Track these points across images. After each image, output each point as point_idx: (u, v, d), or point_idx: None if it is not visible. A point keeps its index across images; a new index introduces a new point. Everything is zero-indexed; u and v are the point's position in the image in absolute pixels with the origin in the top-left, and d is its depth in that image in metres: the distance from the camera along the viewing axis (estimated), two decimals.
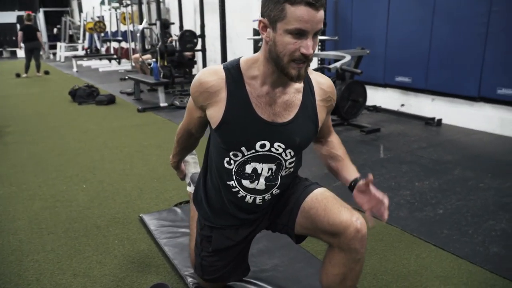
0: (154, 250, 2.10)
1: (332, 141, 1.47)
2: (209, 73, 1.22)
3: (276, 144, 1.24)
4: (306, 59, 1.08)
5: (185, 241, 2.12)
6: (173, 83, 6.97)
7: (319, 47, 5.70)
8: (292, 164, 1.33)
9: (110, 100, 6.18)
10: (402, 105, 5.02)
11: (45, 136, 4.38)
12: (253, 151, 1.24)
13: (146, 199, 2.73)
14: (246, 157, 1.25)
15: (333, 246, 1.27)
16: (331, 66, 4.01)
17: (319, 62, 5.73)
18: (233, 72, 1.20)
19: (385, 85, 5.16)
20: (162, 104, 5.76)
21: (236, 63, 1.22)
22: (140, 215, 2.44)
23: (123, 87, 7.60)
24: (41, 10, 17.56)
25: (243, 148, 1.23)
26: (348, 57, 4.05)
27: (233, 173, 1.30)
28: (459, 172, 3.07)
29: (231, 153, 1.26)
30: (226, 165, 1.29)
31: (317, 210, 1.27)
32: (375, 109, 5.14)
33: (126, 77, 7.72)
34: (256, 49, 7.21)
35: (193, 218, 1.86)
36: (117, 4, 11.63)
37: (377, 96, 5.27)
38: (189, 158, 2.02)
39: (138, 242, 2.18)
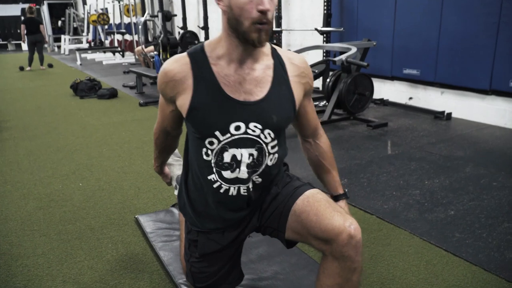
0: (149, 255, 1.99)
1: (321, 147, 1.40)
2: (172, 61, 1.18)
3: (251, 125, 1.16)
4: (265, 17, 1.04)
5: None
6: None
7: (324, 39, 5.54)
8: (275, 149, 1.23)
9: (112, 94, 6.08)
10: (410, 98, 4.87)
11: (44, 131, 4.29)
12: (228, 135, 1.16)
13: (143, 199, 2.63)
14: (222, 143, 1.17)
15: (326, 254, 1.17)
16: (337, 58, 3.86)
17: (324, 54, 5.58)
18: (197, 55, 1.16)
19: (392, 78, 5.00)
20: None
21: (200, 46, 1.19)
22: (136, 216, 2.34)
23: (126, 80, 7.50)
24: (45, 2, 17.45)
25: (217, 133, 1.16)
26: (354, 49, 3.91)
27: (212, 164, 1.21)
28: (471, 170, 2.93)
29: (206, 142, 1.18)
30: (204, 157, 1.21)
31: (308, 215, 1.18)
32: (382, 102, 4.99)
33: (129, 70, 7.61)
34: None
35: (181, 223, 1.76)
36: None
37: (384, 89, 5.12)
38: (173, 160, 1.92)
39: (132, 245, 2.08)
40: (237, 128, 1.16)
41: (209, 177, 1.23)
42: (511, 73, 3.76)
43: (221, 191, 1.24)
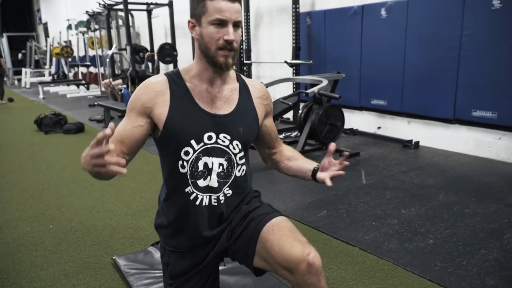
0: None
1: (287, 150, 1.53)
2: (152, 78, 1.31)
3: (221, 135, 1.29)
4: (230, 46, 1.21)
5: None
6: None
7: (294, 71, 5.68)
8: (243, 161, 1.34)
9: (79, 128, 5.92)
10: (379, 127, 5.02)
11: (8, 170, 4.09)
12: (202, 144, 1.27)
13: (119, 239, 2.53)
14: (197, 152, 1.27)
15: (292, 283, 1.21)
16: (309, 91, 3.95)
17: (294, 86, 5.69)
18: (174, 75, 1.31)
19: (361, 108, 5.16)
20: None
21: (176, 70, 1.34)
22: (113, 257, 2.24)
23: (92, 113, 7.34)
24: (5, 35, 17.02)
25: (192, 141, 1.26)
26: (325, 82, 4.01)
27: (188, 176, 1.29)
28: (443, 197, 3.02)
29: (182, 152, 1.26)
30: (180, 169, 1.29)
31: (272, 244, 1.24)
32: (352, 132, 5.11)
33: (96, 103, 7.47)
34: None
35: None
36: (84, 29, 11.40)
37: (353, 119, 5.26)
38: None
39: None
40: (210, 137, 1.28)
41: (186, 190, 1.30)
42: (473, 103, 3.97)
43: (197, 202, 1.30)
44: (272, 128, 1.49)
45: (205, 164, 1.28)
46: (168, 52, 7.31)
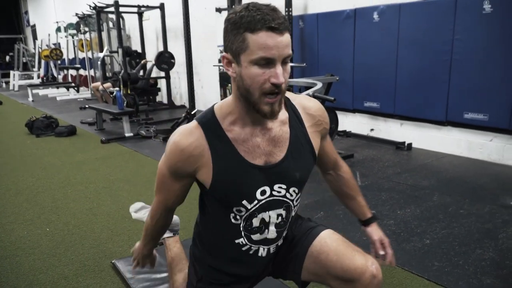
0: None
1: (343, 177, 1.40)
2: (185, 136, 1.09)
3: (276, 187, 1.14)
4: (278, 89, 0.99)
5: None
6: (137, 112, 6.76)
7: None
8: (298, 201, 1.24)
9: (71, 131, 5.87)
10: (372, 129, 5.07)
11: (0, 173, 4.05)
12: (256, 201, 1.13)
13: (118, 242, 2.52)
14: (251, 211, 1.14)
15: None
16: (305, 93, 3.98)
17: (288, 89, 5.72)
18: (210, 124, 1.09)
19: (354, 110, 5.20)
20: (127, 134, 5.53)
21: (211, 113, 1.11)
22: (113, 261, 2.23)
23: (84, 116, 7.29)
24: None
25: (244, 202, 1.12)
26: (319, 84, 4.04)
27: (241, 229, 1.17)
28: (438, 198, 3.07)
29: (234, 209, 1.14)
30: (233, 221, 1.16)
31: (328, 255, 1.18)
32: (346, 134, 5.16)
33: (87, 106, 7.42)
34: (221, 75, 7.15)
35: (170, 266, 1.71)
36: (74, 31, 11.32)
37: (346, 121, 5.30)
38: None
39: None
40: (263, 192, 1.13)
41: (236, 241, 1.19)
42: (464, 105, 4.03)
43: (250, 252, 1.22)
44: (327, 150, 1.31)
45: (262, 220, 1.16)
46: (166, 60, 7.32)
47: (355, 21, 4.91)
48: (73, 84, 11.26)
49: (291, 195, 1.18)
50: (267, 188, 1.13)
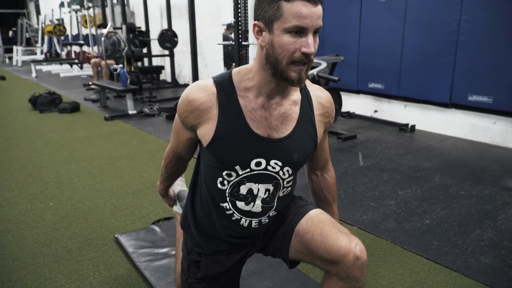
0: (134, 275, 1.94)
1: (327, 180, 1.40)
2: (198, 89, 1.11)
3: (272, 162, 1.14)
4: (308, 59, 1.01)
5: (167, 263, 1.98)
6: (141, 90, 6.74)
7: None
8: (290, 183, 1.22)
9: (74, 107, 5.87)
10: (376, 111, 5.05)
11: (4, 148, 4.08)
12: (248, 170, 1.13)
13: (120, 217, 2.55)
14: (241, 177, 1.14)
15: (331, 273, 1.16)
16: (308, 73, 3.95)
17: None
18: (225, 85, 1.11)
19: (358, 92, 5.17)
20: (130, 112, 5.53)
21: (228, 75, 1.13)
22: (116, 235, 2.26)
23: (87, 93, 7.28)
24: None
25: (237, 167, 1.12)
26: (324, 64, 4.02)
27: (227, 194, 1.18)
28: (439, 180, 3.07)
29: (224, 173, 1.15)
30: (219, 185, 1.17)
31: (313, 235, 1.17)
32: (349, 115, 5.14)
33: (90, 83, 7.40)
34: (225, 54, 7.09)
35: (178, 241, 1.73)
36: (78, 7, 11.21)
37: (350, 103, 5.28)
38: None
39: (115, 266, 2.01)
40: (258, 164, 1.13)
41: (221, 204, 1.20)
42: (469, 88, 4.00)
43: (233, 219, 1.22)
44: (325, 148, 1.33)
45: (250, 190, 1.17)
46: (169, 38, 7.26)
47: (362, 1, 4.83)
48: (76, 61, 11.20)
49: (284, 174, 1.18)
50: (263, 161, 1.13)
